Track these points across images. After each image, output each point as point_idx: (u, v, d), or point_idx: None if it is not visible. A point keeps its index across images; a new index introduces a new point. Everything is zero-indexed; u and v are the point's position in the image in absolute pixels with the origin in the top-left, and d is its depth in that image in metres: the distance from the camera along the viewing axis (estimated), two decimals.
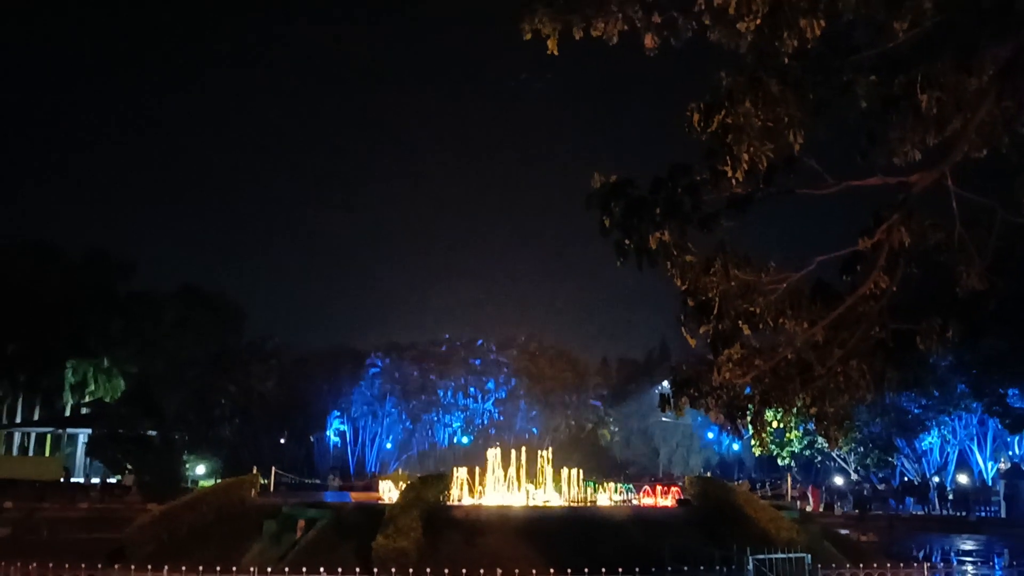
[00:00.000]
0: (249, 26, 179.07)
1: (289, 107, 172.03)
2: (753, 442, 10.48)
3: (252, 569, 16.98)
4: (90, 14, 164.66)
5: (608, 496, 30.00)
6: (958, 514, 45.08)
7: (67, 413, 63.91)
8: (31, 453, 62.35)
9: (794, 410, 9.90)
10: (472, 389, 65.06)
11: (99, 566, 17.40)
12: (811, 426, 10.36)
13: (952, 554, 31.14)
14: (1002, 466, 49.98)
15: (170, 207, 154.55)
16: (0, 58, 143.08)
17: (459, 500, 26.31)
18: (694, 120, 8.35)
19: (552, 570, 17.71)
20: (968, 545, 33.56)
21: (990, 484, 49.08)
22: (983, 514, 44.31)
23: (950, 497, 48.35)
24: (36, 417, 66.35)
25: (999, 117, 8.16)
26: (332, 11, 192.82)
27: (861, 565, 17.69)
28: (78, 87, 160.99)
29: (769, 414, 10.06)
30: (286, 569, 17.63)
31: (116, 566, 18.57)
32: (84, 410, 62.91)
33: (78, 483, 51.47)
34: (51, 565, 16.55)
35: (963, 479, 51.35)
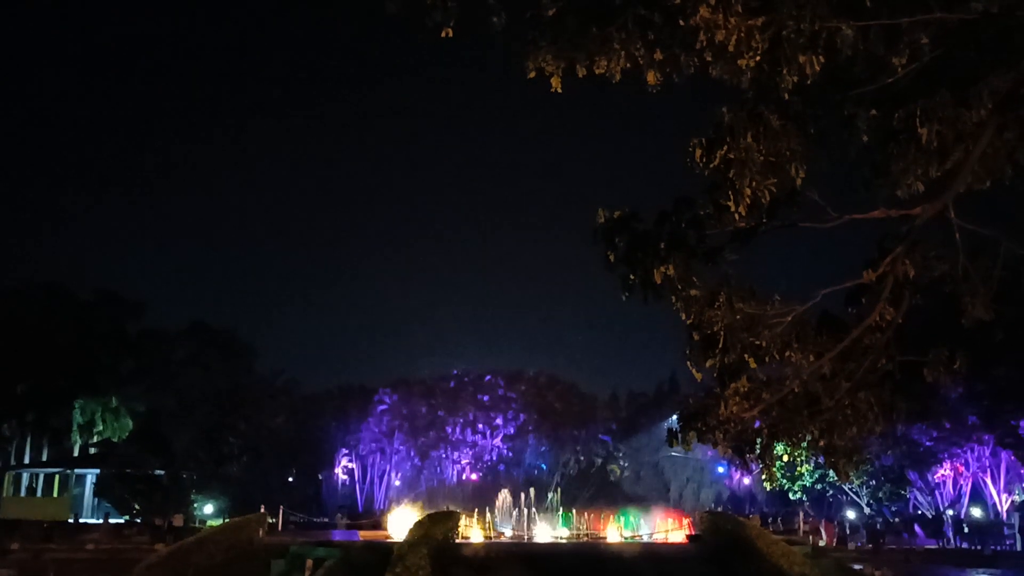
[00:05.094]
0: (260, 75, 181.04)
1: (298, 149, 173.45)
2: (763, 476, 10.42)
3: None
4: (103, 60, 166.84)
5: (618, 531, 29.79)
6: (973, 547, 44.55)
7: (75, 453, 63.79)
8: (39, 494, 62.15)
9: (803, 443, 9.85)
10: (481, 425, 64.68)
11: None
12: (822, 459, 10.30)
13: None
14: (1016, 498, 49.42)
15: (180, 246, 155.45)
16: (16, 103, 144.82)
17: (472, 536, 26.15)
18: (696, 155, 8.42)
19: None
20: None
21: (1004, 517, 48.51)
22: (997, 548, 43.77)
23: (965, 530, 47.79)
24: (44, 458, 66.20)
25: (1001, 149, 8.19)
26: (338, 62, 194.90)
27: None
28: (92, 131, 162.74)
29: (778, 448, 10.01)
30: None
31: None
32: (92, 450, 62.78)
33: (86, 523, 51.34)
34: None
35: (977, 512, 50.77)
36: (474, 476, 64.06)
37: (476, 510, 29.57)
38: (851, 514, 53.57)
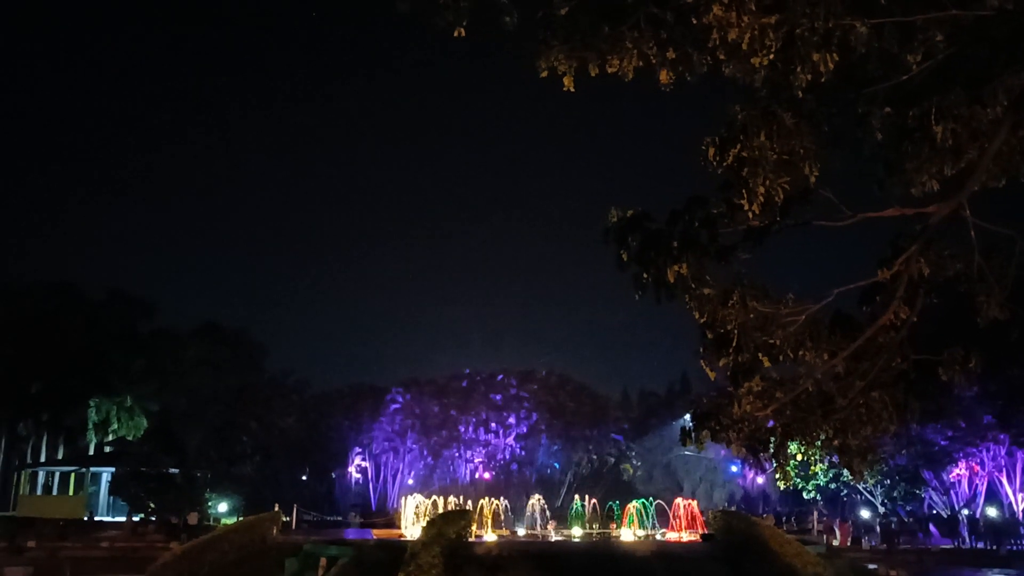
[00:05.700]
0: (268, 72, 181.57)
1: (310, 149, 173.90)
2: (777, 475, 10.40)
3: None
4: (115, 60, 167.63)
5: (632, 531, 29.75)
6: (988, 547, 44.28)
7: (90, 452, 64.19)
8: (55, 492, 62.59)
9: (817, 443, 9.82)
10: (493, 424, 64.65)
11: None
12: (836, 459, 10.27)
13: None
14: None
15: (191, 247, 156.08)
16: (27, 104, 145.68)
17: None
18: (710, 154, 8.40)
19: None
20: None
21: (1020, 517, 48.20)
22: (1014, 547, 43.50)
23: (980, 530, 47.49)
24: (60, 456, 66.67)
25: (1016, 146, 8.15)
26: (348, 61, 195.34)
27: None
28: (102, 131, 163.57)
29: (792, 447, 9.98)
30: None
31: None
32: (107, 449, 63.16)
33: (101, 521, 51.76)
34: None
35: (992, 512, 50.46)
36: (487, 475, 64.09)
37: (489, 509, 29.58)
38: (865, 514, 53.35)
